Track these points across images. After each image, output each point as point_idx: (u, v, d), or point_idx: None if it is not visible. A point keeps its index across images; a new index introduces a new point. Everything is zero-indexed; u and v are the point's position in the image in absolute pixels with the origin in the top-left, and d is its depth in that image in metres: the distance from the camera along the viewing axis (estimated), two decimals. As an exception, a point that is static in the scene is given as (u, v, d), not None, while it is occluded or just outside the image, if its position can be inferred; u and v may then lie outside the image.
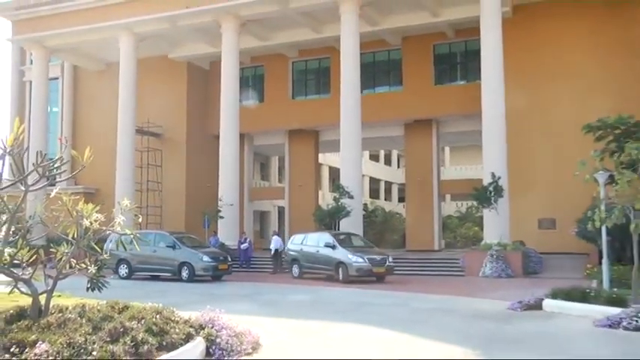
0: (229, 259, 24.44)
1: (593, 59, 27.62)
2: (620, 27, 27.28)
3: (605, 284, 15.73)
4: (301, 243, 24.78)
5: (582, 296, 13.65)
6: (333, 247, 22.67)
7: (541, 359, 8.82)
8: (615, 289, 14.55)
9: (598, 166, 15.92)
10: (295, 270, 24.42)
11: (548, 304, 13.84)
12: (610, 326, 11.35)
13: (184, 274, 22.60)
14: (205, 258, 22.78)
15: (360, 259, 21.73)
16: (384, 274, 22.19)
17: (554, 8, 28.31)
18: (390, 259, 22.71)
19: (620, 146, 17.24)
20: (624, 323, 11.21)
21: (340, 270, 22.06)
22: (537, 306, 13.93)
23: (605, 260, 16.37)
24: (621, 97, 24.32)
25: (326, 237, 23.67)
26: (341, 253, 22.26)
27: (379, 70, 34.76)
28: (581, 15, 28.13)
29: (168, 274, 23.25)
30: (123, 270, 23.94)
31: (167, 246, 23.57)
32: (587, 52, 27.92)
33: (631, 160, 14.01)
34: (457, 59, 33.47)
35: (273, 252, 27.51)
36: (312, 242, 24.06)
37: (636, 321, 11.15)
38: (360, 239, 25.15)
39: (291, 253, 25.18)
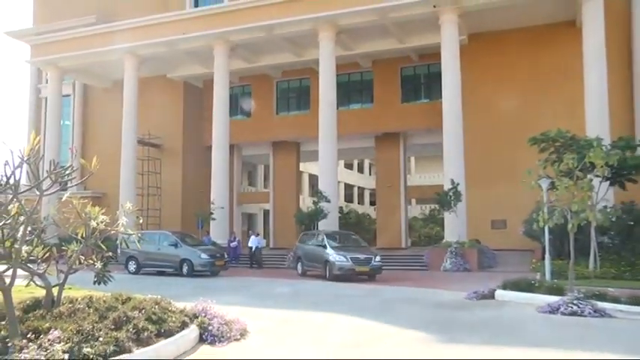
0: (225, 256, 24.12)
1: (534, 80, 27.87)
2: (555, 52, 27.66)
3: (547, 276, 16.01)
4: (305, 242, 23.30)
5: (528, 287, 13.92)
6: (324, 246, 20.95)
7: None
8: (555, 280, 14.87)
9: (541, 174, 16.20)
10: (299, 267, 22.94)
11: (500, 293, 14.03)
12: (550, 312, 11.65)
13: (185, 269, 22.31)
14: (203, 255, 22.40)
15: (343, 259, 19.84)
16: (367, 274, 20.24)
17: (503, 36, 28.60)
18: (377, 259, 20.53)
19: (560, 157, 17.42)
20: (562, 309, 11.52)
21: (327, 268, 20.32)
22: (490, 295, 14.10)
23: (547, 256, 16.69)
24: (558, 114, 24.66)
25: (320, 237, 22.22)
26: (329, 252, 20.44)
27: (353, 89, 34.83)
28: (524, 42, 28.39)
29: (171, 270, 22.83)
30: (132, 266, 23.72)
31: (169, 244, 23.21)
32: (530, 74, 28.15)
33: (568, 168, 14.26)
34: (421, 80, 33.53)
35: (252, 250, 27.56)
36: (313, 241, 22.55)
37: (571, 307, 11.45)
38: (354, 239, 23.48)
39: (297, 251, 23.57)
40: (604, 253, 18.84)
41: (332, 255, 20.18)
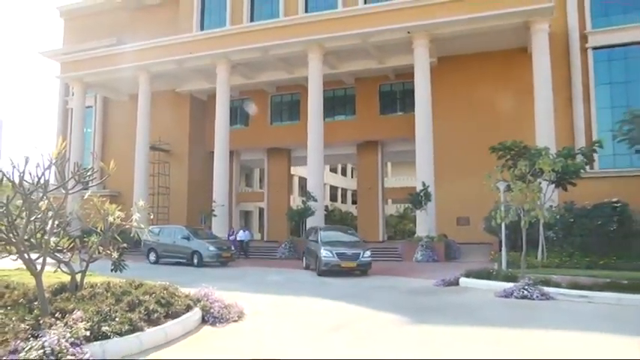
0: (232, 249, 23.68)
1: (493, 97, 27.94)
2: (511, 74, 27.87)
3: (503, 266, 16.15)
4: (308, 237, 21.45)
5: (487, 275, 14.12)
6: (317, 241, 18.70)
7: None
8: (510, 269, 15.00)
9: (499, 178, 16.36)
10: (304, 261, 20.88)
11: (463, 281, 14.18)
12: (505, 296, 11.82)
13: (195, 260, 21.96)
14: (211, 247, 22.03)
15: (329, 254, 17.47)
16: (355, 269, 17.71)
17: (467, 60, 28.81)
18: (366, 254, 17.78)
19: (515, 163, 17.58)
20: (515, 294, 11.72)
21: (317, 263, 18.09)
22: (455, 283, 14.23)
23: (503, 248, 16.80)
24: (513, 126, 24.82)
25: (316, 232, 19.79)
26: (319, 248, 18.02)
27: (337, 103, 34.83)
28: (485, 65, 28.57)
29: (184, 261, 22.40)
30: (152, 256, 23.52)
31: (182, 237, 22.89)
32: (490, 92, 28.24)
33: (521, 173, 14.50)
34: (397, 96, 33.59)
35: (242, 243, 27.67)
36: (312, 236, 20.26)
37: (523, 292, 11.66)
38: (350, 234, 20.82)
39: (304, 246, 21.74)
40: (550, 246, 19.01)
41: (321, 250, 17.82)
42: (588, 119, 27.12)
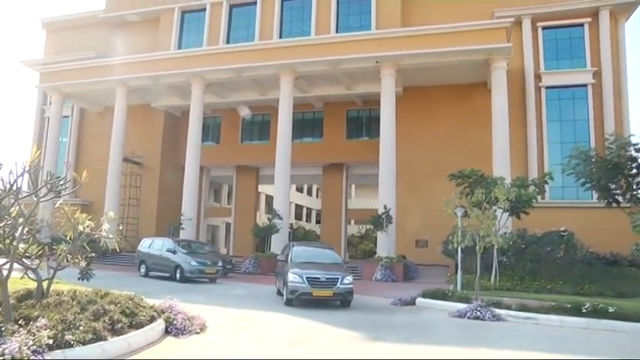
0: (220, 264, 21.08)
1: (454, 127, 28.62)
2: (471, 106, 28.46)
3: (459, 287, 16.33)
4: (282, 254, 17.20)
5: (443, 295, 14.29)
6: (286, 261, 14.96)
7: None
8: (465, 291, 15.18)
9: (457, 204, 16.64)
10: (276, 284, 16.78)
11: (420, 301, 14.30)
12: (459, 316, 12.01)
13: (177, 275, 19.97)
14: (193, 262, 19.88)
15: (298, 279, 13.29)
16: (331, 299, 13.67)
17: (430, 91, 29.37)
18: (347, 280, 13.54)
19: (472, 191, 17.80)
20: (468, 314, 11.92)
21: (285, 289, 13.92)
22: (412, 302, 14.32)
23: (459, 271, 17.02)
24: (472, 156, 25.00)
25: (288, 249, 16.12)
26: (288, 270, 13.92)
27: (306, 125, 34.99)
28: (447, 97, 29.19)
29: (168, 275, 20.49)
30: (142, 269, 21.94)
31: (167, 250, 21.01)
32: (450, 122, 28.89)
33: (478, 201, 14.80)
34: (363, 121, 33.95)
35: None
36: (285, 252, 16.30)
37: (475, 312, 11.87)
38: (329, 253, 16.04)
39: (278, 266, 17.29)
40: (502, 270, 19.31)
41: (288, 274, 13.61)
42: (541, 152, 28.13)
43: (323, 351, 8.08)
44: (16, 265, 7.24)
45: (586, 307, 11.62)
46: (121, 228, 23.38)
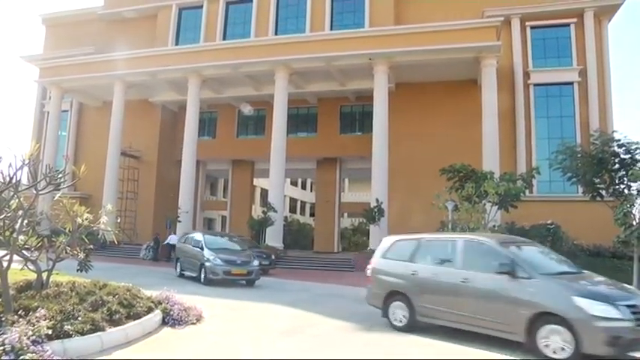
0: (255, 263, 16.61)
1: (445, 123, 28.58)
2: (461, 103, 28.50)
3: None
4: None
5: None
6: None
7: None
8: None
9: (448, 198, 16.71)
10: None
11: None
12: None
13: (203, 275, 16.01)
14: (217, 260, 15.84)
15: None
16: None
17: (422, 87, 29.34)
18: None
19: (462, 185, 17.89)
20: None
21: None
22: (403, 293, 14.38)
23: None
24: (462, 150, 24.86)
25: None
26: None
27: (301, 120, 34.91)
28: (438, 93, 29.15)
29: (195, 275, 16.70)
30: (178, 268, 18.44)
31: (195, 245, 17.50)
32: (441, 118, 28.88)
33: (468, 195, 14.87)
34: (356, 117, 33.90)
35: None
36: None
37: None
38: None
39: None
40: (492, 262, 19.41)
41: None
42: (529, 148, 28.24)
43: (318, 341, 8.05)
44: (15, 257, 7.18)
45: (572, 297, 11.61)
46: (119, 221, 23.23)
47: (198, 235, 18.13)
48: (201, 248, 16.67)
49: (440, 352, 7.59)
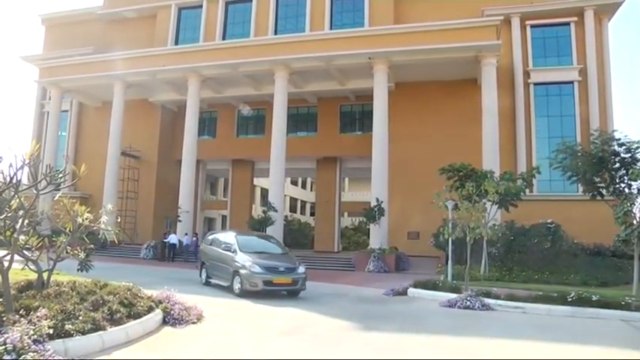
0: (301, 270, 13.55)
1: (445, 122, 28.62)
2: (461, 102, 28.49)
3: (449, 278, 16.43)
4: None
5: (434, 286, 14.32)
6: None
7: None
8: (455, 281, 15.24)
9: (448, 197, 16.68)
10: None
11: (411, 291, 14.30)
12: (450, 306, 12.04)
13: (236, 285, 13.08)
14: (255, 268, 12.81)
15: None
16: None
17: (422, 87, 29.33)
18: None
19: (462, 184, 17.92)
20: (458, 304, 11.96)
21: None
22: (404, 292, 14.32)
23: (449, 262, 17.12)
24: (462, 150, 25.05)
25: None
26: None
27: (300, 120, 34.93)
28: (438, 92, 29.15)
29: (226, 284, 13.74)
30: (203, 275, 15.52)
31: (225, 248, 14.33)
32: (441, 118, 28.90)
33: (468, 194, 14.85)
34: (356, 116, 33.88)
35: (174, 246, 27.23)
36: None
37: (465, 302, 11.91)
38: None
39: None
40: (492, 261, 19.47)
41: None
42: (529, 147, 28.25)
43: (317, 341, 8.06)
44: (16, 257, 7.20)
45: (571, 296, 11.75)
46: (119, 220, 23.18)
47: (228, 236, 14.99)
48: (234, 252, 13.70)
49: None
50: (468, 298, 11.98)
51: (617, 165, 16.72)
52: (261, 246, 14.70)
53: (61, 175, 7.74)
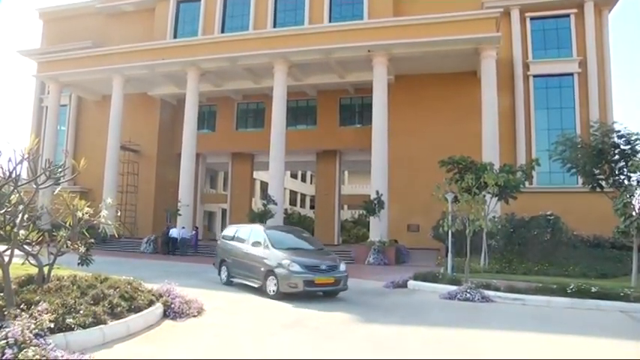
0: (342, 268, 12.23)
1: (444, 115, 28.63)
2: (461, 95, 28.45)
3: (449, 270, 16.40)
4: None
5: (434, 278, 14.34)
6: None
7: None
8: (455, 274, 15.24)
9: (447, 190, 16.66)
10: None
11: (412, 283, 14.32)
12: (449, 298, 12.07)
13: (271, 287, 11.67)
14: (294, 266, 11.41)
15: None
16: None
17: (421, 79, 29.29)
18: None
19: (462, 176, 17.86)
20: (458, 296, 11.99)
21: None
22: (404, 285, 14.34)
23: (449, 254, 17.07)
24: (462, 142, 24.92)
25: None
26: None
27: (300, 113, 34.85)
28: (438, 85, 29.07)
29: (256, 285, 12.32)
30: (224, 274, 14.12)
31: (255, 243, 12.82)
32: (441, 110, 28.88)
33: (468, 186, 14.85)
34: (356, 109, 33.83)
35: (175, 240, 27.22)
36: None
37: (465, 294, 11.94)
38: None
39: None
40: (491, 253, 19.44)
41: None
42: (529, 139, 28.23)
43: (319, 334, 8.07)
44: (17, 252, 7.19)
45: (571, 287, 11.79)
46: (119, 214, 23.19)
47: (256, 230, 13.47)
48: (266, 248, 12.34)
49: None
50: (468, 290, 12.00)
51: (617, 157, 16.69)
52: (293, 242, 13.32)
53: (60, 170, 7.70)
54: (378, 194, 24.94)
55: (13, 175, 6.64)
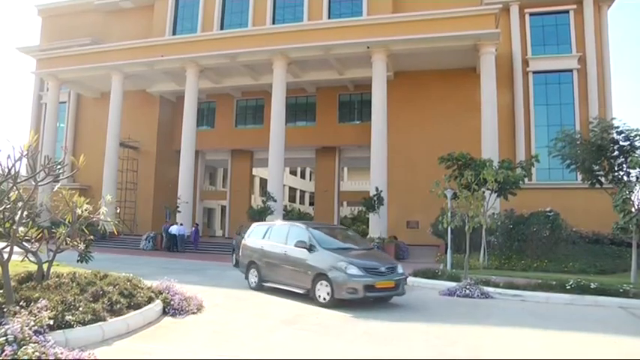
0: (400, 270, 10.74)
1: (444, 111, 28.65)
2: (460, 91, 28.45)
3: (448, 266, 16.51)
4: None
5: (433, 275, 14.35)
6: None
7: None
8: (454, 270, 15.32)
9: (447, 186, 16.65)
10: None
11: (411, 280, 14.00)
12: (449, 294, 12.04)
13: (322, 293, 10.20)
14: (352, 269, 9.87)
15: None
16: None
17: (421, 75, 29.29)
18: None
19: (461, 173, 17.91)
20: (457, 292, 11.97)
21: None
22: (403, 281, 14.43)
23: (449, 250, 17.19)
24: (461, 139, 25.16)
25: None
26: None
27: (299, 109, 34.86)
28: (437, 81, 29.10)
29: (301, 291, 10.75)
30: (253, 277, 12.41)
31: (298, 244, 10.97)
32: (440, 106, 28.89)
33: (467, 182, 14.82)
34: (355, 106, 33.84)
35: (175, 237, 27.12)
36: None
37: (464, 291, 11.92)
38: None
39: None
40: (491, 249, 19.50)
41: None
42: (528, 135, 28.25)
43: (319, 330, 8.06)
44: (16, 249, 7.15)
45: (570, 283, 11.81)
46: (118, 211, 23.21)
47: (296, 229, 11.71)
48: (311, 249, 10.74)
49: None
50: (468, 287, 12.00)
51: (616, 153, 16.72)
52: (340, 241, 11.83)
53: (59, 167, 7.67)
54: (378, 191, 24.93)
55: (13, 172, 6.61)
